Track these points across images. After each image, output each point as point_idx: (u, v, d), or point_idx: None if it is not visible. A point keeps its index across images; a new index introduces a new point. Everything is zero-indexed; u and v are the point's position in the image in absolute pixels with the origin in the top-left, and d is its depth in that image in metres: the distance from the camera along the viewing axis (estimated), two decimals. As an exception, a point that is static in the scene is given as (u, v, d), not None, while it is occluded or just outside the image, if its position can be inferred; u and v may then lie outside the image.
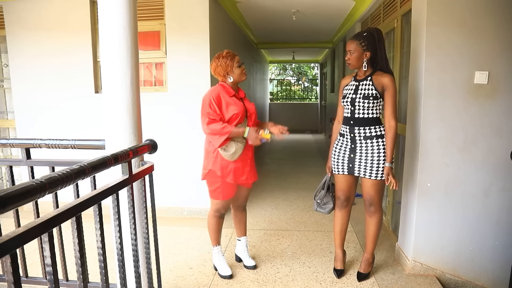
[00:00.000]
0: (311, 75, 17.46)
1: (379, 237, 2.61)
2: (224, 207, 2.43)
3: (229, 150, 2.27)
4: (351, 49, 2.22)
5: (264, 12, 4.64)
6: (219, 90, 2.31)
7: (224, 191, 2.35)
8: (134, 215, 1.60)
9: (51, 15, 3.58)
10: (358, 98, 2.24)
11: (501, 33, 2.22)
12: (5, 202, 0.83)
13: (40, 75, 3.67)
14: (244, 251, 2.62)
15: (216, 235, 2.50)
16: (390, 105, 2.21)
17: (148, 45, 3.52)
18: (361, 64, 2.23)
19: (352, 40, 2.23)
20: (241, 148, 2.29)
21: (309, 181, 5.17)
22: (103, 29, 1.66)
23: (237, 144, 2.28)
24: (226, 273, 2.45)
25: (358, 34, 2.26)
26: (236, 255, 2.68)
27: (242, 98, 2.41)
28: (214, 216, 2.46)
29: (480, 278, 2.46)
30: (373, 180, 2.26)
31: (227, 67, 2.30)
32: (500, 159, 2.30)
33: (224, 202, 2.41)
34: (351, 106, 2.27)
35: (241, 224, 2.63)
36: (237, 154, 2.29)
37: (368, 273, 2.46)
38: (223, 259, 2.51)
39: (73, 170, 1.11)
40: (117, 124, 1.69)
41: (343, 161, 2.34)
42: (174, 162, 3.59)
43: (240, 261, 2.66)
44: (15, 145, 1.95)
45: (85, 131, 3.59)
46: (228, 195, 2.37)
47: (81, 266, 1.22)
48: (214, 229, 2.49)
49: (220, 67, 2.31)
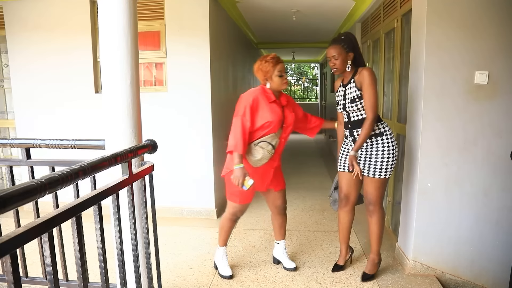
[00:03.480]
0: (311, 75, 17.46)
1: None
2: (241, 211, 2.41)
3: (255, 156, 2.20)
4: (335, 53, 2.21)
5: (264, 12, 4.63)
6: (259, 93, 2.22)
7: (242, 195, 2.31)
8: (134, 215, 1.60)
9: (51, 15, 3.58)
10: (347, 103, 2.28)
11: (501, 33, 2.22)
12: (5, 202, 0.83)
13: (40, 75, 3.67)
14: (283, 253, 2.60)
15: (226, 237, 2.49)
16: (366, 98, 2.18)
17: (148, 45, 3.52)
18: (346, 66, 2.25)
19: (334, 46, 2.22)
20: (267, 158, 2.22)
21: (309, 181, 5.17)
22: (103, 29, 1.66)
23: (264, 152, 2.20)
24: (226, 273, 2.44)
25: (337, 40, 2.25)
26: (274, 257, 2.65)
27: (284, 106, 2.30)
28: (229, 219, 2.42)
29: (480, 278, 2.46)
30: (373, 178, 2.27)
31: (267, 72, 2.21)
32: (500, 159, 2.30)
33: (241, 207, 2.37)
34: (344, 111, 2.33)
35: (281, 229, 2.58)
36: (262, 161, 2.22)
37: (372, 274, 2.43)
38: (226, 259, 2.50)
39: (73, 170, 1.11)
40: (117, 124, 1.69)
41: (346, 159, 2.39)
42: (174, 162, 3.59)
43: (278, 263, 2.63)
44: (15, 145, 1.95)
45: (85, 131, 3.59)
46: (245, 200, 2.34)
47: (81, 266, 1.22)
48: (226, 231, 2.46)
49: (261, 71, 2.23)
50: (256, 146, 2.21)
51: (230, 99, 4.69)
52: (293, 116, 2.35)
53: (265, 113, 2.19)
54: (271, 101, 2.23)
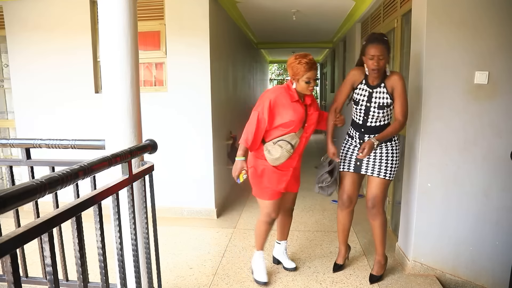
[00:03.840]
0: (311, 75, 17.42)
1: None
2: (275, 210, 2.32)
3: (273, 154, 2.18)
4: (381, 54, 2.06)
5: (264, 12, 4.63)
6: (282, 92, 2.19)
7: (271, 191, 2.26)
8: (134, 215, 1.60)
9: (51, 15, 3.58)
10: (373, 107, 2.20)
11: (501, 33, 2.22)
12: (5, 202, 0.83)
13: (40, 75, 3.67)
14: (283, 254, 2.58)
15: (263, 241, 2.42)
16: (399, 104, 2.13)
17: (148, 45, 3.52)
18: (385, 68, 2.15)
19: (380, 45, 2.07)
20: (285, 157, 2.19)
21: (309, 180, 5.14)
22: (103, 29, 1.66)
23: (283, 151, 2.17)
24: (261, 279, 2.35)
25: (381, 39, 2.10)
26: (274, 257, 2.64)
27: (307, 105, 2.26)
28: (265, 222, 2.35)
29: (480, 278, 2.46)
30: (380, 179, 2.27)
31: (296, 74, 2.14)
32: (500, 159, 2.30)
33: (273, 204, 2.29)
34: (365, 115, 2.25)
35: (285, 228, 2.57)
36: (280, 160, 2.19)
37: (380, 275, 2.42)
38: (263, 264, 2.41)
39: (73, 170, 1.11)
40: (117, 124, 1.69)
41: (350, 159, 2.35)
42: (174, 162, 3.59)
43: (278, 263, 2.62)
44: (15, 145, 1.95)
45: (85, 131, 3.59)
46: (274, 196, 2.28)
47: (81, 266, 1.22)
48: (262, 235, 2.40)
49: (291, 69, 2.17)
50: (275, 144, 2.18)
51: (230, 99, 4.70)
52: (316, 115, 2.30)
53: (286, 112, 2.16)
54: (294, 101, 2.19)
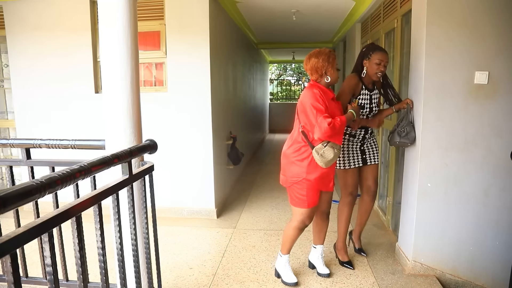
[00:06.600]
0: (311, 75, 17.43)
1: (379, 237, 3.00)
2: (310, 217, 2.31)
3: (327, 157, 2.14)
4: (387, 60, 2.39)
5: (264, 12, 4.63)
6: (321, 92, 2.16)
7: (310, 198, 2.24)
8: (134, 215, 1.60)
9: (51, 15, 3.58)
10: (374, 107, 2.52)
11: (501, 33, 2.22)
12: (5, 202, 0.83)
13: (40, 75, 3.67)
14: (319, 259, 2.53)
15: (291, 245, 2.40)
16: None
17: (148, 45, 3.52)
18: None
19: (386, 53, 2.39)
20: (337, 156, 2.17)
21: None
22: (103, 29, 1.66)
23: (335, 151, 2.15)
24: (292, 280, 2.36)
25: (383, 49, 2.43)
26: (310, 262, 2.60)
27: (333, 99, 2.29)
28: (297, 228, 2.32)
29: (480, 278, 2.46)
30: (377, 164, 2.61)
31: (328, 66, 2.18)
32: (500, 159, 2.30)
33: (310, 211, 2.28)
34: (368, 114, 2.51)
35: (321, 233, 2.52)
36: (333, 161, 2.17)
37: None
38: (289, 267, 2.42)
39: (73, 170, 1.11)
40: (117, 124, 1.69)
41: (357, 155, 2.55)
42: (174, 162, 3.59)
43: (313, 268, 2.57)
44: (15, 145, 1.95)
45: (85, 131, 3.59)
46: (313, 203, 2.27)
47: (81, 266, 1.22)
48: (292, 240, 2.37)
49: (320, 64, 2.18)
50: (326, 146, 2.14)
51: (230, 99, 4.69)
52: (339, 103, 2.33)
53: (331, 111, 2.15)
54: (331, 98, 2.20)
